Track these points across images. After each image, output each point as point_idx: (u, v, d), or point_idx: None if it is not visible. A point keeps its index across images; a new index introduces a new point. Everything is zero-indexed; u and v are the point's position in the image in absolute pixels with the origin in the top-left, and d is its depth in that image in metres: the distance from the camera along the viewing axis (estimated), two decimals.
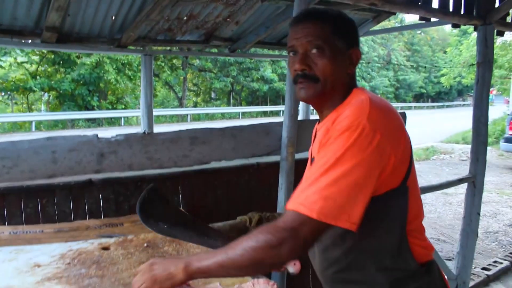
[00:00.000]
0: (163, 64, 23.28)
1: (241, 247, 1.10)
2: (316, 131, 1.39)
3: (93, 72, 19.45)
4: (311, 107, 4.77)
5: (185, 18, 3.87)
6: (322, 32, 1.24)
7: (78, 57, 19.11)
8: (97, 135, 2.18)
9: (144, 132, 2.27)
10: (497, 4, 3.50)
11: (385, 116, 1.18)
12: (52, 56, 18.94)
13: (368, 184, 1.11)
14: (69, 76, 19.14)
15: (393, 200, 1.19)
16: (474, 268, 4.53)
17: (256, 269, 1.16)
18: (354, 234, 1.12)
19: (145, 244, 1.86)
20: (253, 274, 1.24)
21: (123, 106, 22.22)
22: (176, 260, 1.19)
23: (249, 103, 29.60)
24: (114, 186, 2.55)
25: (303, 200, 1.09)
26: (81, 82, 19.51)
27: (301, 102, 4.75)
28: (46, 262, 1.68)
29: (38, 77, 19.23)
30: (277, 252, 1.08)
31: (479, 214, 3.97)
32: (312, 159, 1.30)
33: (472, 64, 15.79)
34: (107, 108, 21.17)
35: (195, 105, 28.41)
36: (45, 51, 18.14)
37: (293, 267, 1.23)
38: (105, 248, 1.83)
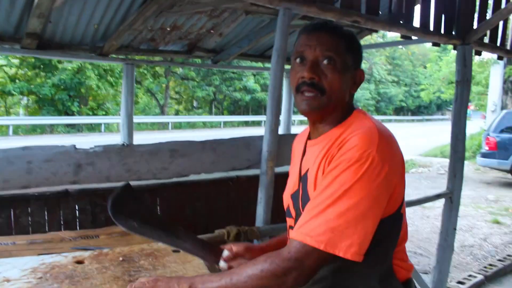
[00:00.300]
0: (145, 71, 23.18)
1: (246, 274, 1.12)
2: (305, 147, 1.36)
3: (74, 77, 19.24)
4: (293, 120, 4.80)
5: (168, 28, 3.87)
6: (337, 45, 1.23)
7: (59, 62, 18.87)
8: (74, 145, 2.15)
9: (123, 144, 2.24)
10: (475, 26, 3.59)
11: (392, 147, 1.17)
12: (33, 60, 18.68)
13: (375, 215, 1.12)
14: (50, 80, 18.89)
15: (388, 226, 1.19)
16: (450, 281, 4.59)
17: None
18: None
19: (121, 258, 1.82)
20: None
21: (104, 112, 22.00)
22: (180, 279, 1.20)
23: (231, 113, 29.61)
24: (91, 196, 2.52)
25: (310, 231, 1.11)
26: (62, 87, 19.27)
27: (282, 115, 4.77)
28: (16, 276, 1.64)
29: (17, 80, 18.92)
30: (282, 281, 1.10)
31: (455, 229, 4.03)
32: (305, 175, 1.29)
33: (451, 82, 16.11)
34: (88, 114, 20.93)
35: (177, 113, 28.29)
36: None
37: None
38: (79, 262, 1.78)
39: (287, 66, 4.51)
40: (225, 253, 1.49)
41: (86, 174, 2.14)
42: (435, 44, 3.94)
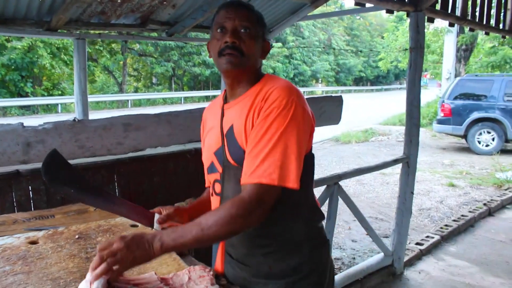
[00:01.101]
0: (101, 48, 22.44)
1: (215, 223, 1.28)
2: (223, 110, 1.55)
3: (25, 56, 18.39)
4: None
5: (119, 0, 3.72)
6: (251, 18, 1.48)
7: (7, 40, 17.96)
8: (22, 123, 2.05)
9: (74, 119, 2.17)
10: None
11: (302, 95, 1.43)
12: None
13: (303, 149, 1.38)
14: None
15: (308, 162, 1.44)
16: (409, 243, 4.77)
17: (229, 237, 1.45)
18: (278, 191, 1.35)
19: (77, 236, 1.78)
20: (220, 239, 1.45)
21: (59, 92, 21.26)
22: (149, 239, 1.27)
23: (191, 88, 29.24)
24: None
25: (262, 172, 1.31)
26: (12, 67, 18.40)
27: None
28: None
29: None
30: (248, 222, 1.31)
31: (412, 192, 4.17)
32: (229, 131, 1.48)
33: (406, 49, 16.39)
34: (43, 95, 20.17)
35: (136, 90, 27.68)
36: None
37: None
38: (33, 242, 1.73)
39: None
40: (157, 216, 1.61)
41: (37, 152, 2.06)
42: (388, 11, 3.98)
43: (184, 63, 26.60)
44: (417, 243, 4.93)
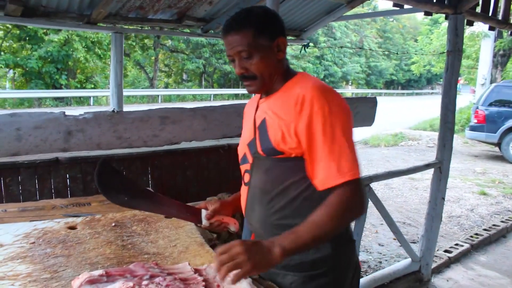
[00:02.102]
0: (134, 43, 22.79)
1: (329, 218, 1.32)
2: (258, 104, 1.58)
3: (61, 49, 18.86)
4: None
5: None
6: (245, 40, 1.42)
7: (45, 33, 18.46)
8: (64, 112, 2.12)
9: (113, 111, 2.22)
10: None
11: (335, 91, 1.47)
12: (18, 32, 18.26)
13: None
14: (36, 53, 18.48)
15: None
16: (437, 250, 4.68)
17: (341, 229, 1.48)
18: (298, 185, 1.44)
19: (113, 224, 1.83)
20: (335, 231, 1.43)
21: (92, 86, 21.71)
22: (270, 245, 1.28)
23: (221, 86, 29.38)
24: (82, 165, 2.50)
25: (346, 170, 1.34)
26: (49, 59, 18.90)
27: None
28: (9, 241, 1.64)
29: (2, 53, 18.51)
30: (356, 213, 1.38)
31: (443, 198, 4.09)
32: (261, 124, 1.51)
33: (442, 52, 16.10)
34: (76, 87, 20.64)
35: (166, 86, 28.01)
36: (10, 26, 17.47)
37: (233, 226, 1.65)
38: (72, 228, 1.79)
39: None
40: (203, 212, 1.65)
41: (77, 141, 2.12)
42: (427, 13, 3.91)
43: (215, 60, 26.76)
44: (446, 251, 4.84)
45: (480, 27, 16.37)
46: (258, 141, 1.52)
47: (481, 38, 17.76)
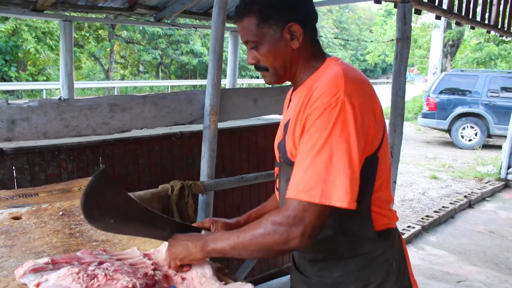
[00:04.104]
0: (88, 34, 22.11)
1: (251, 233, 1.16)
2: (290, 98, 1.40)
3: (9, 40, 18.04)
4: (237, 77, 4.80)
5: None
6: (249, 29, 1.27)
7: None
8: (7, 100, 2.04)
9: (60, 98, 2.16)
10: None
11: (360, 88, 1.19)
12: None
13: (359, 157, 1.12)
14: None
15: (363, 169, 1.17)
16: None
17: (264, 254, 1.19)
18: None
19: (60, 213, 1.79)
20: (263, 258, 1.29)
21: (44, 78, 20.93)
22: (195, 239, 1.27)
23: (178, 77, 28.99)
24: (29, 155, 2.43)
25: (303, 187, 1.11)
26: None
27: (228, 71, 4.76)
28: None
29: None
30: (285, 241, 1.12)
31: (395, 182, 4.22)
32: (286, 124, 1.32)
33: (392, 40, 16.49)
34: (27, 80, 19.84)
35: (123, 78, 27.36)
36: None
37: None
38: (16, 218, 1.74)
39: (228, 25, 4.45)
40: (203, 232, 1.48)
41: (21, 130, 2.05)
42: (377, 2, 4.00)
43: (171, 51, 26.35)
44: None
45: (431, 18, 16.89)
46: (285, 144, 1.31)
47: (431, 28, 18.35)
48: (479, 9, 5.32)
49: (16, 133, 2.05)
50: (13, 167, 2.40)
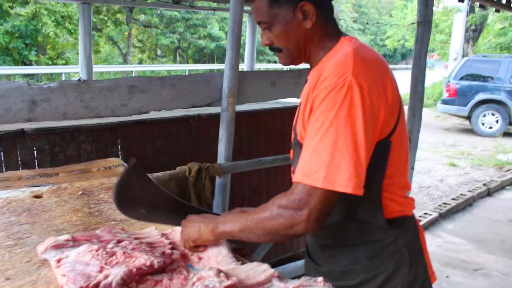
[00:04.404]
0: (106, 18, 22.20)
1: (257, 216, 1.15)
2: (307, 80, 1.37)
3: (29, 24, 18.21)
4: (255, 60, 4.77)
5: None
6: (261, 10, 1.25)
7: (11, 7, 17.77)
8: (28, 81, 2.07)
9: (79, 79, 2.18)
10: None
11: (370, 69, 1.16)
12: None
13: (367, 140, 1.09)
14: (2, 27, 17.79)
15: (374, 153, 1.15)
16: None
17: (271, 238, 1.19)
18: None
19: (80, 192, 1.82)
20: (270, 242, 1.27)
21: (63, 62, 21.14)
22: (207, 221, 1.25)
23: (196, 61, 28.99)
24: (49, 136, 2.47)
25: (307, 170, 1.08)
26: (16, 34, 18.24)
27: (246, 53, 4.74)
28: None
29: None
30: (290, 225, 1.10)
31: (413, 168, 4.18)
32: (300, 104, 1.31)
33: (413, 23, 16.22)
34: (47, 64, 20.06)
35: (140, 62, 27.50)
36: None
37: None
38: (38, 196, 1.77)
39: (246, 8, 4.42)
40: None
41: (42, 111, 2.08)
42: None
43: (189, 35, 26.31)
44: None
45: (453, 1, 16.51)
46: (296, 126, 1.30)
47: (453, 13, 17.95)
48: None
49: (37, 114, 2.08)
50: (34, 148, 2.44)
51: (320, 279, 1.10)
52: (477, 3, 4.77)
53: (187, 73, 24.53)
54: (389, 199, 1.27)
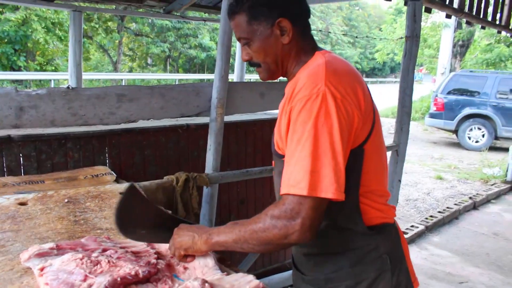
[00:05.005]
0: (97, 26, 22.16)
1: (251, 227, 1.17)
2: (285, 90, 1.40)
3: (19, 29, 18.09)
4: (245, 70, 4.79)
5: None
6: (240, 26, 1.31)
7: (1, 12, 17.66)
8: (15, 87, 2.06)
9: (68, 87, 2.18)
10: None
11: (342, 78, 1.20)
12: None
13: (343, 147, 1.14)
14: None
15: (352, 158, 1.20)
16: None
17: (266, 248, 1.19)
18: None
19: (66, 200, 1.81)
20: (265, 251, 1.30)
21: (53, 68, 21.01)
22: (201, 230, 1.26)
23: (186, 71, 29.00)
24: (36, 143, 2.45)
25: (292, 181, 1.12)
26: (6, 40, 18.11)
27: (236, 64, 4.75)
28: None
29: None
30: (284, 235, 1.12)
31: (400, 181, 4.21)
32: (278, 115, 1.35)
33: (401, 38, 16.42)
34: (36, 70, 19.91)
35: (131, 70, 27.43)
36: None
37: None
38: (23, 204, 1.76)
39: None
40: None
41: (29, 117, 2.07)
42: None
43: (180, 44, 26.33)
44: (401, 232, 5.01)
45: (441, 17, 16.78)
46: (273, 136, 1.38)
47: (442, 28, 18.23)
48: (490, 9, 5.29)
49: (24, 121, 2.06)
50: (20, 154, 2.42)
51: None
52: (464, 20, 4.86)
53: (177, 82, 24.54)
54: (369, 206, 1.30)
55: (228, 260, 1.39)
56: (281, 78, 1.43)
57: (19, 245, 1.40)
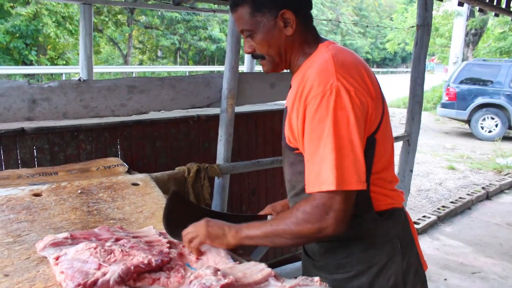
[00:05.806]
0: (107, 19, 22.23)
1: (284, 222, 1.20)
2: (291, 84, 1.42)
3: (30, 24, 18.21)
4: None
5: None
6: (243, 18, 1.31)
7: (12, 6, 17.78)
8: (28, 80, 2.08)
9: (79, 79, 2.19)
10: None
11: (350, 70, 1.22)
12: None
13: (361, 138, 1.18)
14: (2, 26, 17.79)
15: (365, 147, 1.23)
16: None
17: (299, 241, 1.25)
18: None
19: (79, 191, 1.83)
20: (298, 244, 1.32)
21: (64, 62, 21.15)
22: (229, 224, 1.29)
23: (196, 63, 29.02)
24: (49, 135, 2.47)
25: (321, 178, 1.15)
26: (17, 34, 18.24)
27: (245, 57, 4.75)
28: None
29: None
30: (318, 229, 1.17)
31: (411, 171, 4.19)
32: (285, 109, 1.39)
33: (412, 26, 16.25)
34: (47, 64, 20.07)
35: (141, 63, 27.52)
36: None
37: None
38: (37, 195, 1.78)
39: None
40: (269, 218, 1.53)
41: (42, 110, 2.09)
42: None
43: (190, 37, 26.32)
44: (414, 222, 4.99)
45: (453, 5, 16.55)
46: (284, 130, 1.39)
47: (454, 17, 17.98)
48: None
49: (37, 113, 2.09)
50: (34, 147, 2.45)
51: (316, 278, 1.12)
52: (477, 7, 4.79)
53: (187, 75, 24.56)
54: (378, 193, 1.34)
55: (239, 249, 1.41)
56: None
57: (35, 235, 1.43)
